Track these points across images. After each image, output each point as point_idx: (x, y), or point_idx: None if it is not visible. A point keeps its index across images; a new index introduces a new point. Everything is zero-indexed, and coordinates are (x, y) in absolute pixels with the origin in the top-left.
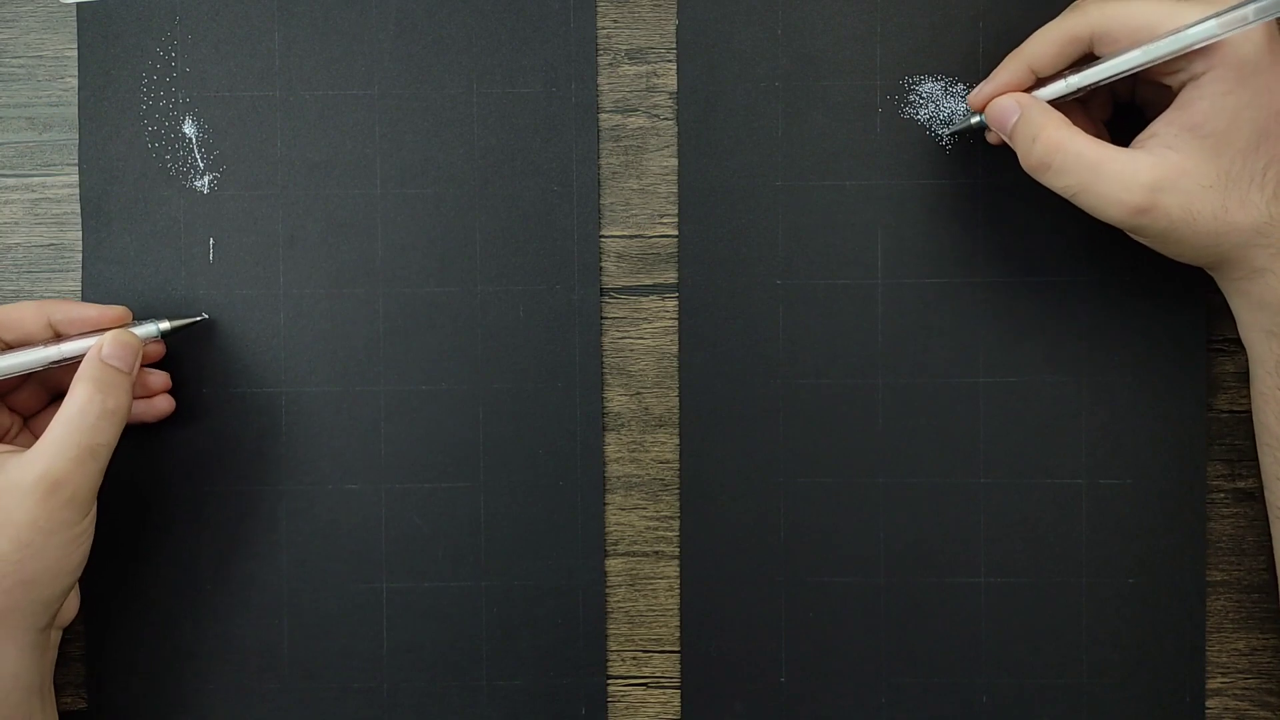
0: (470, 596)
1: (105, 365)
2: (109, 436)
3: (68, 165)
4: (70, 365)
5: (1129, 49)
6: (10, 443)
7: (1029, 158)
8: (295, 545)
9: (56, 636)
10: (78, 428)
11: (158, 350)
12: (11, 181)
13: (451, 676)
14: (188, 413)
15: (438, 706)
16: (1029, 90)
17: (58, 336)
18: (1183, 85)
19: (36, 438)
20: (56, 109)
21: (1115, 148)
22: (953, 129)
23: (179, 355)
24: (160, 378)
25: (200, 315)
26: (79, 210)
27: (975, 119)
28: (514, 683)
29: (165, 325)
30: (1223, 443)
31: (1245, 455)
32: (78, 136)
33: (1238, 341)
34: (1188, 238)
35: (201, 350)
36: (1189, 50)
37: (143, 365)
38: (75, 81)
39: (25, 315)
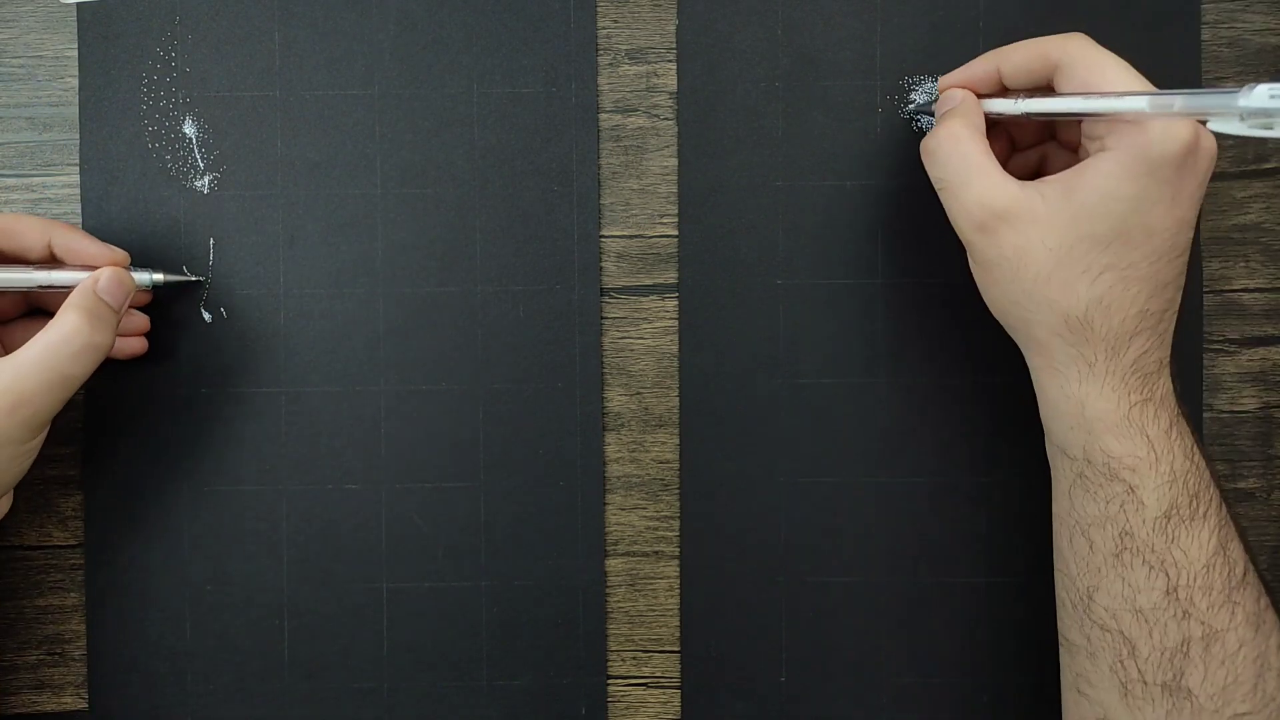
0: (470, 596)
1: (98, 299)
2: (85, 369)
3: (68, 165)
4: (55, 290)
5: (1075, 93)
6: None
7: (927, 137)
8: (295, 545)
9: None
10: (57, 354)
11: (144, 298)
12: (12, 181)
13: (451, 676)
14: (188, 413)
15: (438, 706)
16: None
17: (52, 258)
18: (1094, 150)
19: (3, 346)
20: (56, 109)
21: (998, 168)
22: (914, 107)
23: (179, 355)
24: (141, 319)
25: (197, 276)
26: (79, 210)
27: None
28: (514, 683)
29: (159, 277)
30: (1223, 443)
31: (1245, 455)
32: (78, 136)
33: (1238, 341)
34: (1005, 284)
35: (201, 350)
36: (1115, 118)
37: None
38: (75, 81)
39: (28, 229)
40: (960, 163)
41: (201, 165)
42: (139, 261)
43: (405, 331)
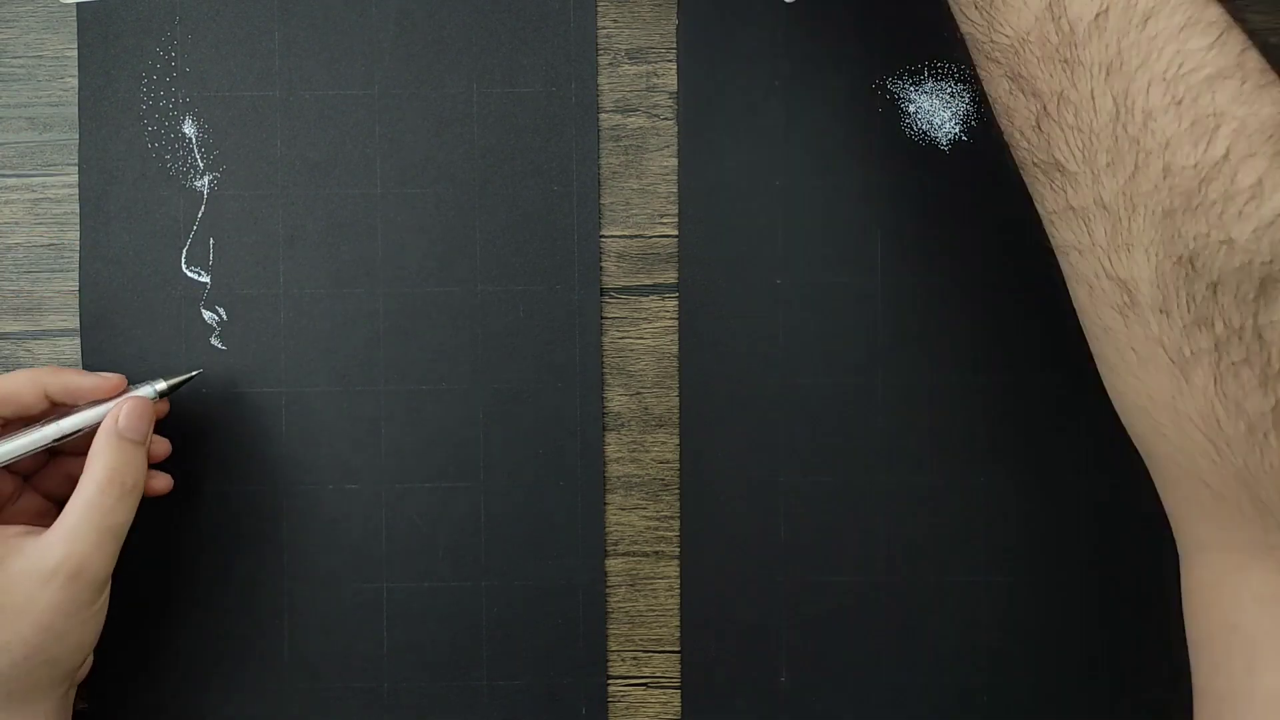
0: (470, 596)
1: (122, 439)
2: (128, 515)
3: (68, 165)
4: (73, 437)
5: None
6: (13, 504)
7: None
8: (295, 545)
9: (73, 693)
10: (98, 510)
11: (162, 409)
12: (12, 181)
13: (451, 676)
14: (188, 412)
15: (438, 706)
16: None
17: (54, 405)
18: None
19: (39, 495)
20: (56, 109)
21: None
22: None
23: (179, 355)
24: (162, 445)
25: (197, 370)
26: (79, 210)
27: None
28: (514, 683)
29: (161, 385)
30: None
31: None
32: (78, 136)
33: None
34: None
35: (201, 350)
36: None
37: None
38: (75, 81)
39: (20, 388)
40: None
41: (201, 165)
42: (144, 264)
43: (405, 331)
